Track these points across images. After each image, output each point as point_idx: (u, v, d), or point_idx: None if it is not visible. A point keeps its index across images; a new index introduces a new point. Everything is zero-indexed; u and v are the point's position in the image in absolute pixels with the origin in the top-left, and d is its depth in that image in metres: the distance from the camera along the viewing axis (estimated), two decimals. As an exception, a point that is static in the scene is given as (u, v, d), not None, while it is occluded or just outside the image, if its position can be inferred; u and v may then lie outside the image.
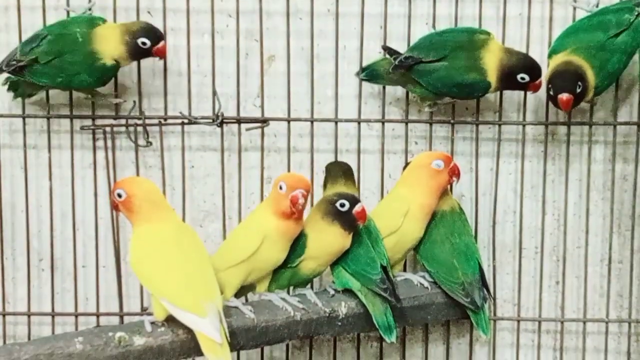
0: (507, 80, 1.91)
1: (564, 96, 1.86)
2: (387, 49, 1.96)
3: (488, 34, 1.94)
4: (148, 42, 1.90)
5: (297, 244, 1.83)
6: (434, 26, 1.99)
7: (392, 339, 1.85)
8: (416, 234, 1.94)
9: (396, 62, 1.92)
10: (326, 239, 1.83)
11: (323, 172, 1.97)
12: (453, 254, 1.95)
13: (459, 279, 1.93)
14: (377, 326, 1.86)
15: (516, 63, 1.91)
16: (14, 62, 1.91)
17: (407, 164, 1.98)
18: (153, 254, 1.71)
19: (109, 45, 1.90)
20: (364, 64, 2.00)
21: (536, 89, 1.92)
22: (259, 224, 1.80)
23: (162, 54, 1.93)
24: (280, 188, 1.77)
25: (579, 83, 1.86)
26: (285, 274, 1.86)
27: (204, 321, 1.65)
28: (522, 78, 1.90)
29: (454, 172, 1.92)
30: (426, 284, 1.96)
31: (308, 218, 1.83)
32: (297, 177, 1.80)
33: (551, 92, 1.88)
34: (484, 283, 1.96)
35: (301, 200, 1.77)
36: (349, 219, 1.82)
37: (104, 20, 1.94)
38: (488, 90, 1.93)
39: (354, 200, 1.82)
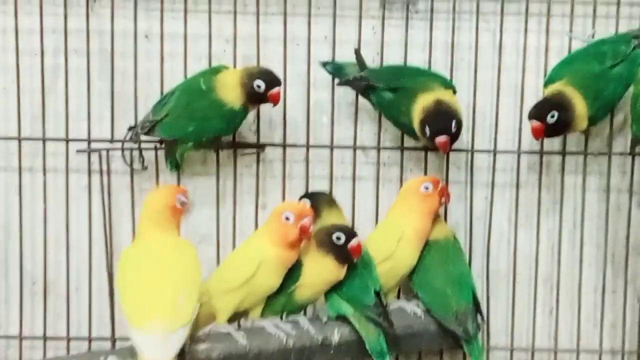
0: None
1: (533, 123, 1.89)
2: (357, 55, 1.98)
3: (449, 85, 1.96)
4: (263, 86, 1.90)
5: (293, 271, 1.83)
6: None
7: None
8: (410, 260, 1.94)
9: (349, 79, 1.97)
10: (320, 269, 1.84)
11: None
12: (447, 282, 1.94)
13: (452, 308, 1.93)
14: (370, 352, 1.86)
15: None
16: (148, 124, 1.93)
17: None
18: (128, 267, 1.73)
19: (230, 90, 1.91)
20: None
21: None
22: (255, 251, 1.80)
23: (275, 100, 1.91)
24: (287, 219, 1.79)
25: (554, 113, 1.87)
26: (280, 300, 1.86)
27: (142, 338, 1.61)
28: None
29: (444, 194, 1.93)
30: (419, 312, 1.96)
31: (304, 246, 1.83)
32: (301, 206, 1.83)
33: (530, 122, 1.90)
34: (478, 311, 1.96)
35: (311, 228, 1.79)
36: (343, 253, 1.82)
37: (227, 67, 1.96)
38: (415, 136, 1.95)
39: (350, 235, 1.83)
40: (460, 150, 2.04)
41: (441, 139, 1.87)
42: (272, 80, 1.91)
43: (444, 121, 1.87)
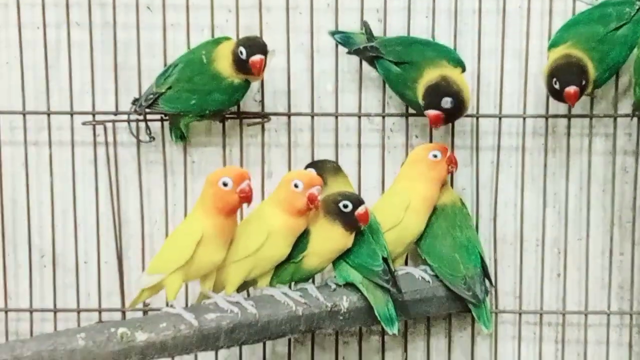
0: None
1: (572, 89, 1.86)
2: (366, 26, 1.97)
3: (459, 62, 1.95)
4: (245, 52, 1.87)
5: (301, 240, 1.84)
6: (433, 39, 2.00)
7: (394, 330, 1.86)
8: (418, 228, 1.94)
9: (359, 48, 1.95)
10: (328, 237, 1.84)
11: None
12: (454, 247, 1.95)
13: (460, 273, 1.94)
14: (378, 318, 1.87)
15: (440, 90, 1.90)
16: (151, 96, 1.93)
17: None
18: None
19: (224, 61, 1.90)
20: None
21: None
22: (264, 220, 1.81)
23: (255, 68, 1.87)
24: (296, 186, 1.78)
25: (582, 78, 1.86)
26: (288, 269, 1.86)
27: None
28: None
29: (452, 162, 1.94)
30: (427, 277, 1.97)
31: (311, 215, 1.84)
32: (310, 175, 1.82)
33: (556, 86, 1.87)
34: (486, 276, 1.97)
35: (319, 197, 1.78)
36: (351, 220, 1.82)
37: (228, 39, 1.94)
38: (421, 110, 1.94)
39: (358, 202, 1.83)
40: (465, 116, 2.03)
41: (431, 112, 1.87)
42: (253, 46, 1.88)
43: (438, 96, 1.87)
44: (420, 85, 1.91)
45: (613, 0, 1.93)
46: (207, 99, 1.92)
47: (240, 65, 1.89)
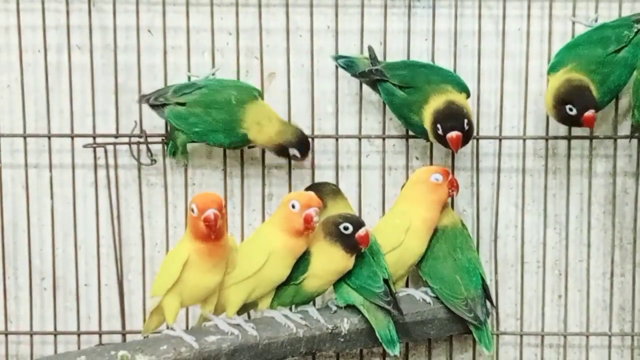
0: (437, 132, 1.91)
1: (590, 113, 1.86)
2: (370, 51, 1.97)
3: (464, 88, 1.95)
4: (298, 154, 1.92)
5: (301, 262, 1.84)
6: (432, 61, 2.00)
7: (395, 352, 1.85)
8: (418, 250, 1.94)
9: (364, 71, 1.95)
10: (328, 259, 1.84)
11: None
12: (456, 269, 1.95)
13: (462, 295, 1.93)
14: (380, 340, 1.86)
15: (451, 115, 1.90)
16: (162, 99, 1.93)
17: (405, 185, 2.00)
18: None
19: (263, 137, 1.92)
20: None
21: None
22: (265, 241, 1.81)
23: (303, 159, 1.95)
24: (293, 207, 1.78)
25: (593, 98, 1.87)
26: (288, 291, 1.86)
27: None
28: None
29: (453, 185, 1.93)
30: (428, 299, 1.96)
31: (312, 236, 1.84)
32: (309, 196, 1.81)
33: (572, 112, 1.87)
34: (487, 297, 1.97)
35: (315, 219, 1.78)
36: (351, 242, 1.82)
37: (261, 95, 1.96)
38: (424, 135, 1.95)
39: (358, 224, 1.82)
40: (465, 137, 2.04)
41: (453, 134, 1.87)
42: (306, 148, 1.93)
43: (456, 119, 1.87)
44: (427, 110, 1.91)
45: (611, 23, 1.94)
46: (212, 135, 1.93)
47: (286, 155, 1.94)
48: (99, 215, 2.05)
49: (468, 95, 1.95)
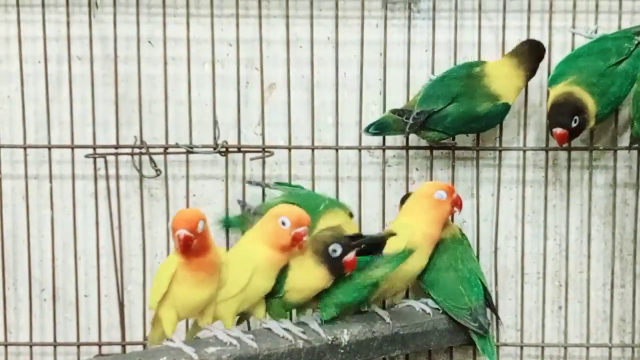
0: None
1: (558, 130, 1.88)
2: (395, 111, 1.95)
3: (482, 62, 1.95)
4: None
5: (280, 276, 1.82)
6: (432, 73, 2.00)
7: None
8: (420, 264, 1.93)
9: (411, 122, 1.92)
10: (310, 276, 1.81)
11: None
12: (458, 280, 1.95)
13: (465, 305, 1.93)
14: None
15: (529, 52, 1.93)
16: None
17: (404, 197, 1.99)
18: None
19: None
20: (367, 122, 2.00)
21: None
22: (249, 256, 1.79)
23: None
24: (283, 224, 1.76)
25: (576, 117, 1.87)
26: (276, 302, 1.85)
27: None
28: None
29: (457, 203, 1.93)
30: (428, 310, 1.96)
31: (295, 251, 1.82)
32: (299, 213, 1.78)
33: (552, 127, 1.89)
34: (490, 306, 1.96)
35: (305, 238, 1.76)
36: (337, 266, 1.80)
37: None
38: (507, 112, 1.95)
39: (348, 248, 1.80)
40: (466, 149, 2.04)
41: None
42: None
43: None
44: (500, 84, 1.93)
45: (612, 35, 1.95)
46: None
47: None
48: (99, 226, 2.05)
49: None
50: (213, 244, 1.75)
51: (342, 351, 1.88)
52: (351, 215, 1.95)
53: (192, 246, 1.68)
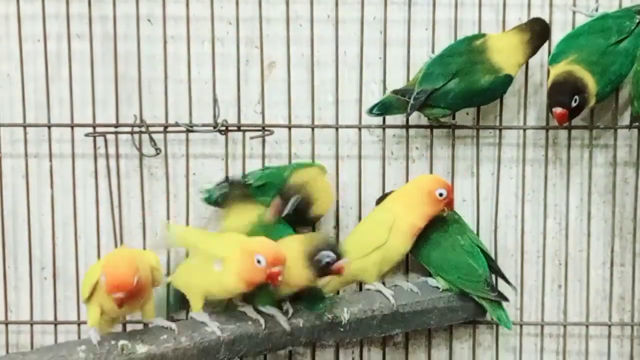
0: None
1: (558, 110, 1.87)
2: (397, 91, 1.95)
3: (482, 35, 1.95)
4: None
5: None
6: (433, 51, 2.00)
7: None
8: (402, 248, 1.93)
9: (412, 101, 1.91)
10: (297, 275, 1.78)
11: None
12: (466, 255, 1.94)
13: (480, 277, 1.92)
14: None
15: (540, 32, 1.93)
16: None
17: (380, 198, 2.00)
18: None
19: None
20: (367, 101, 2.00)
21: None
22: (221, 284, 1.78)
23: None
24: (259, 262, 1.71)
25: (576, 97, 1.87)
26: (268, 293, 1.84)
27: None
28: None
29: (449, 205, 1.93)
30: (416, 289, 1.96)
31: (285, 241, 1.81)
32: (275, 251, 1.72)
33: (552, 107, 1.88)
34: (496, 270, 1.97)
35: (280, 277, 1.72)
36: (325, 271, 1.78)
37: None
38: (510, 84, 1.94)
39: (337, 257, 1.77)
40: (466, 127, 2.04)
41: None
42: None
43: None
44: (501, 57, 1.92)
45: (613, 14, 1.94)
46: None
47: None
48: (99, 205, 2.05)
49: None
50: (148, 281, 1.75)
51: (342, 329, 1.89)
52: (324, 170, 1.98)
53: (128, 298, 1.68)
